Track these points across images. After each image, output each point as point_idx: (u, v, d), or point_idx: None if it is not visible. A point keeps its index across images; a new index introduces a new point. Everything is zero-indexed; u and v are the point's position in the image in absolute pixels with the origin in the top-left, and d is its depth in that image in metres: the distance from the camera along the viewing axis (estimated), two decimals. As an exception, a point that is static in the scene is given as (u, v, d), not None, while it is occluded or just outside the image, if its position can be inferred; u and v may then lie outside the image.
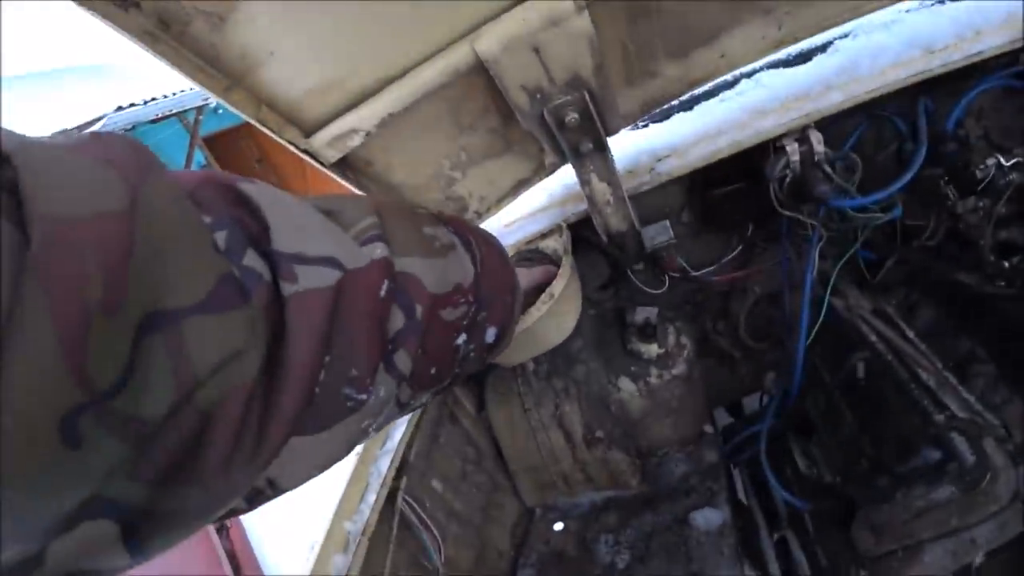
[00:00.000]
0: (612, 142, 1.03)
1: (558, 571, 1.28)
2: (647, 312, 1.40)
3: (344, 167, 0.95)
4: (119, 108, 5.87)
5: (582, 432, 1.37)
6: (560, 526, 1.40)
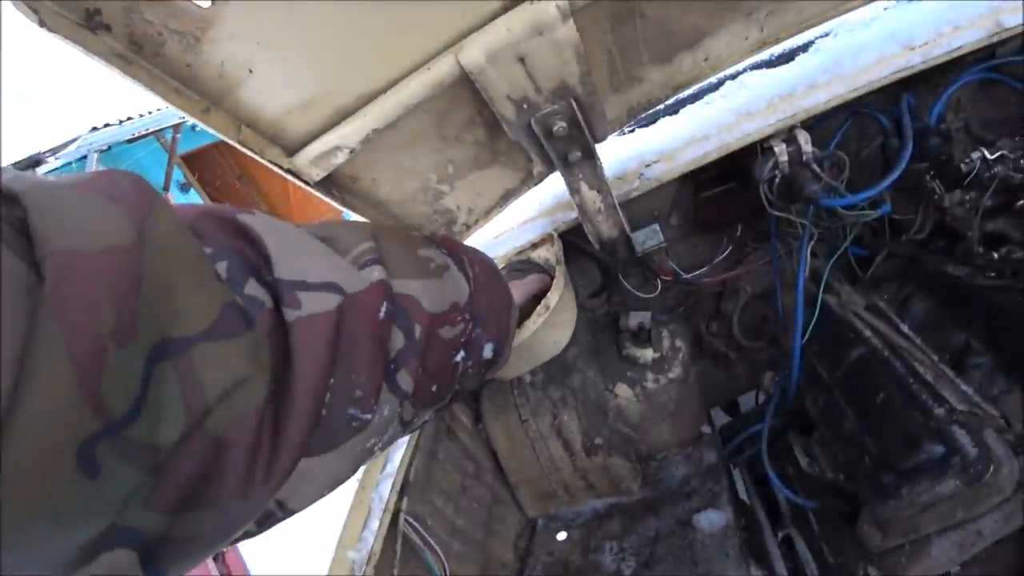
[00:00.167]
0: (599, 149, 1.03)
1: (564, 582, 1.26)
2: (641, 317, 1.40)
3: (329, 185, 0.93)
4: (94, 128, 5.76)
5: (581, 440, 1.35)
6: (563, 536, 1.39)
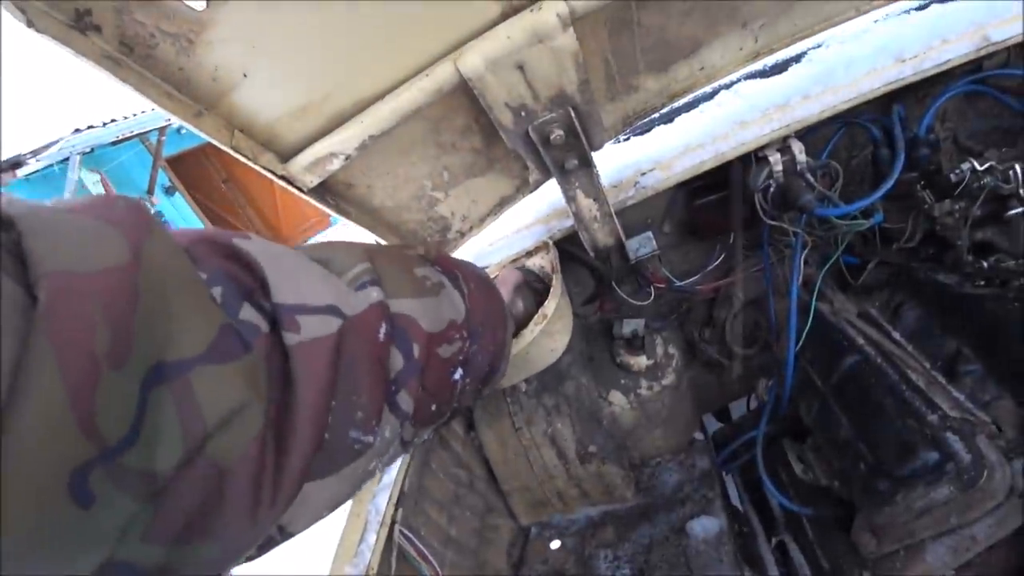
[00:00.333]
0: (595, 157, 1.03)
1: (559, 591, 1.25)
2: (634, 324, 1.40)
3: (323, 192, 0.91)
4: (76, 131, 5.65)
5: (575, 448, 1.35)
6: (557, 544, 1.38)
